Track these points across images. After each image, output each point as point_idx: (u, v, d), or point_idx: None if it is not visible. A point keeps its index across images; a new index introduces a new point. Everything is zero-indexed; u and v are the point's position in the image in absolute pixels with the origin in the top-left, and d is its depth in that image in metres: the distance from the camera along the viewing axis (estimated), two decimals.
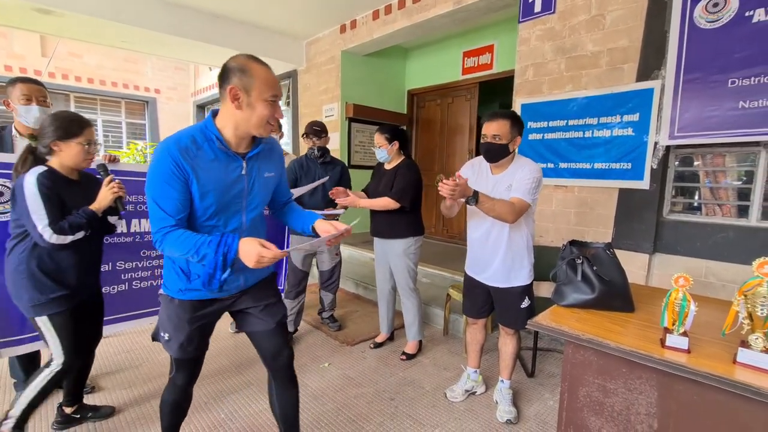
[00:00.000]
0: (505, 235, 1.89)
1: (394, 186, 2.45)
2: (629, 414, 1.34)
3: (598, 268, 1.56)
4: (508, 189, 1.83)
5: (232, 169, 1.31)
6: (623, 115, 2.62)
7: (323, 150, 2.80)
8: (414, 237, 2.53)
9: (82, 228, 1.60)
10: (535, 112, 3.03)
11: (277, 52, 5.09)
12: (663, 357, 1.17)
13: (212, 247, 1.21)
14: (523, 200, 1.77)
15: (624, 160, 2.64)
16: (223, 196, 1.31)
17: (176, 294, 1.36)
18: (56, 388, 1.83)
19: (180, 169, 1.20)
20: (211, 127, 1.27)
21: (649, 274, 2.58)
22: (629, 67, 2.58)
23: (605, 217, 2.75)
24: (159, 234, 1.24)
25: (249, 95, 1.22)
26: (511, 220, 1.77)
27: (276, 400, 1.60)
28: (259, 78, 1.22)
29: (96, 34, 4.41)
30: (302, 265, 2.79)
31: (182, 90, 8.22)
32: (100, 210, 1.67)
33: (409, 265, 2.56)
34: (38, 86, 1.96)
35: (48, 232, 1.51)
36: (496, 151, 1.85)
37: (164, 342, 1.41)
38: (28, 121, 1.93)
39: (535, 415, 2.06)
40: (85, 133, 1.64)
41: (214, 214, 1.32)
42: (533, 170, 1.82)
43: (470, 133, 5.04)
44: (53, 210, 1.54)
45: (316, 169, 2.78)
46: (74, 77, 6.87)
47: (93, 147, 1.69)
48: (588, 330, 1.37)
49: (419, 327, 2.66)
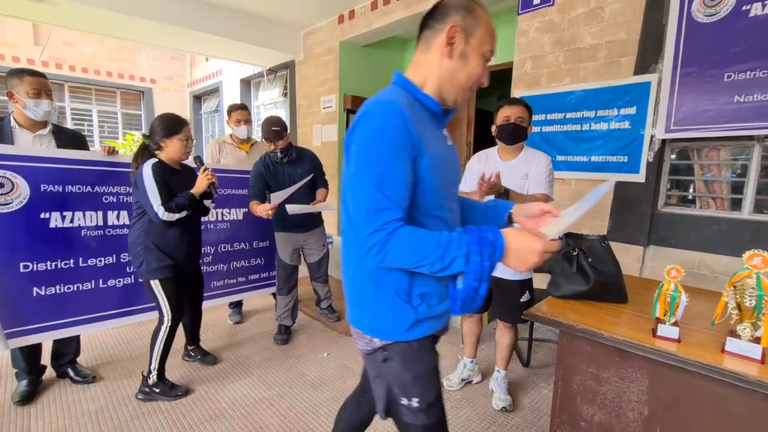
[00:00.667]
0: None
1: None
2: (621, 401, 1.39)
3: (593, 260, 1.59)
4: (524, 178, 1.90)
5: (443, 139, 1.00)
6: (620, 108, 2.64)
7: (286, 150, 2.55)
8: None
9: (185, 208, 1.95)
10: (533, 104, 2.98)
11: (274, 43, 5.04)
12: (654, 346, 1.21)
13: (471, 247, 0.81)
14: (545, 194, 1.88)
15: (621, 153, 2.66)
16: (449, 175, 0.98)
17: (407, 333, 0.93)
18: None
19: (410, 137, 0.85)
20: (412, 87, 0.97)
21: (643, 266, 2.62)
22: (627, 61, 2.59)
23: (601, 209, 2.77)
24: (381, 234, 0.82)
25: (468, 42, 0.93)
26: None
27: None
28: (484, 23, 0.96)
29: (89, 22, 4.35)
30: (290, 259, 2.75)
31: (178, 80, 8.13)
32: (198, 193, 2.01)
33: None
34: (45, 79, 1.96)
35: (161, 210, 1.88)
36: (520, 133, 1.93)
37: (413, 413, 0.97)
38: (36, 114, 1.91)
39: (530, 404, 2.11)
40: (183, 131, 1.98)
41: (441, 202, 0.95)
42: (547, 162, 1.92)
43: (468, 126, 5.03)
44: (163, 193, 1.89)
45: (284, 170, 2.58)
46: (68, 66, 6.78)
47: (190, 142, 2.03)
48: (582, 320, 1.40)
49: None
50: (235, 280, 2.88)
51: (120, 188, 2.23)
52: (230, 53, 5.37)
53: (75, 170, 2.06)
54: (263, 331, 2.93)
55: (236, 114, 2.88)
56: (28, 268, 1.94)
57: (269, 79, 6.16)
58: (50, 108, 1.94)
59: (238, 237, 2.86)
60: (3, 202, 1.84)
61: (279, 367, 2.43)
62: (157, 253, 1.97)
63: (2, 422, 1.86)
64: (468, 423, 1.94)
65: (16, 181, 1.86)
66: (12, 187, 1.86)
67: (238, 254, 2.87)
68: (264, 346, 2.70)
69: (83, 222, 2.13)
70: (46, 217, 2.00)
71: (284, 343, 2.77)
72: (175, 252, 2.02)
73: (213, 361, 2.45)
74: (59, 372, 2.23)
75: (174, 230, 2.01)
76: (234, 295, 2.90)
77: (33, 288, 1.97)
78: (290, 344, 2.74)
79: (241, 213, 2.85)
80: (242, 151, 2.97)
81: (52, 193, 2.01)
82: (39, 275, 1.98)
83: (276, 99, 6.13)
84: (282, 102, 6.03)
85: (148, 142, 2.01)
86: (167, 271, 2.00)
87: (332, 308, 3.10)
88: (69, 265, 2.10)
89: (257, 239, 2.96)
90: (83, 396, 2.08)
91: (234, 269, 2.85)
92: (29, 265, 1.94)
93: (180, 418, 1.93)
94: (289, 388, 2.20)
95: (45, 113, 1.93)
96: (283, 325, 2.83)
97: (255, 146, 3.06)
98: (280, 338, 2.78)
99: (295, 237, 2.73)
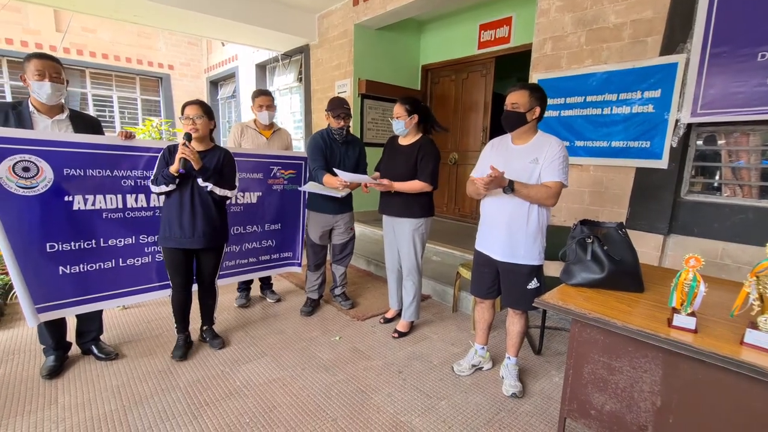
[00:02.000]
0: (521, 210, 1.88)
1: (422, 168, 2.38)
2: (633, 391, 1.36)
3: (608, 247, 1.55)
4: (534, 163, 1.84)
5: None
6: (644, 91, 2.53)
7: (348, 130, 2.73)
8: (425, 218, 2.51)
9: (162, 183, 2.06)
10: (551, 88, 2.94)
11: (289, 26, 5.00)
12: (669, 336, 1.18)
13: None
14: (558, 182, 1.81)
15: (643, 138, 2.56)
16: None
17: None
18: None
19: None
20: None
21: (663, 255, 2.55)
22: (653, 41, 2.47)
23: (620, 196, 2.69)
24: None
25: None
26: (552, 204, 1.84)
27: None
28: None
29: (108, 8, 4.39)
30: (319, 240, 2.85)
31: (195, 66, 8.19)
32: (174, 171, 2.05)
33: (417, 246, 2.54)
34: (52, 62, 1.94)
35: (150, 183, 2.14)
36: (512, 119, 1.87)
37: None
38: (40, 96, 1.92)
39: (540, 391, 2.10)
40: (185, 111, 2.12)
41: None
42: (561, 147, 1.84)
43: (485, 110, 4.93)
44: (159, 169, 2.11)
45: (339, 149, 2.72)
46: (89, 53, 6.90)
47: (190, 121, 2.11)
48: (595, 309, 1.38)
49: (416, 309, 2.67)
50: (255, 259, 2.97)
51: (137, 172, 2.27)
52: (246, 38, 5.36)
53: (95, 154, 2.11)
54: (277, 313, 2.99)
55: (259, 100, 2.89)
56: (54, 248, 2.02)
57: (284, 64, 6.14)
58: (53, 91, 1.92)
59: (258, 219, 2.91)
60: (29, 185, 1.91)
61: (292, 348, 2.48)
62: (162, 223, 2.20)
63: (32, 394, 1.97)
64: (477, 408, 1.95)
65: (40, 165, 1.92)
66: (37, 171, 1.92)
67: (259, 235, 2.94)
68: (278, 328, 2.76)
69: (104, 205, 2.19)
70: (70, 200, 2.07)
71: (309, 315, 2.95)
72: (172, 224, 2.16)
73: (220, 345, 2.46)
74: (83, 349, 2.33)
75: (172, 203, 2.16)
76: (248, 274, 2.98)
77: (59, 266, 2.05)
78: (303, 327, 2.79)
79: (255, 197, 2.88)
80: (263, 137, 2.98)
81: (74, 177, 2.06)
82: (64, 255, 2.06)
83: (291, 84, 6.12)
84: (297, 87, 6.01)
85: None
86: (165, 241, 2.19)
87: (345, 295, 3.13)
88: (91, 245, 2.17)
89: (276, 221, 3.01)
90: (106, 372, 2.18)
91: (251, 249, 2.91)
92: (55, 245, 2.02)
93: (197, 394, 2.00)
94: (301, 369, 2.25)
95: (48, 96, 1.92)
96: (311, 298, 3.01)
97: (276, 133, 3.06)
98: (305, 310, 2.96)
99: (326, 218, 2.80)
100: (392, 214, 2.57)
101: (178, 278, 2.27)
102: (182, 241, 2.18)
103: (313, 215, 2.83)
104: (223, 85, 8.09)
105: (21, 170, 1.88)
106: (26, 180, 1.90)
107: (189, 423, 1.80)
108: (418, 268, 2.60)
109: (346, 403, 1.97)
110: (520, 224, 1.89)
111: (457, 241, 4.07)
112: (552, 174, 1.81)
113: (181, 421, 1.81)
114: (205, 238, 2.23)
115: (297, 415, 1.87)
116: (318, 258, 2.92)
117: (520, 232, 1.89)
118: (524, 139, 1.91)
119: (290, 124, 6.28)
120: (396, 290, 2.80)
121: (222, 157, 2.25)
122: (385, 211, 2.63)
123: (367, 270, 4.04)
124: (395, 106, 2.43)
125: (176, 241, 2.18)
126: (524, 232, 1.89)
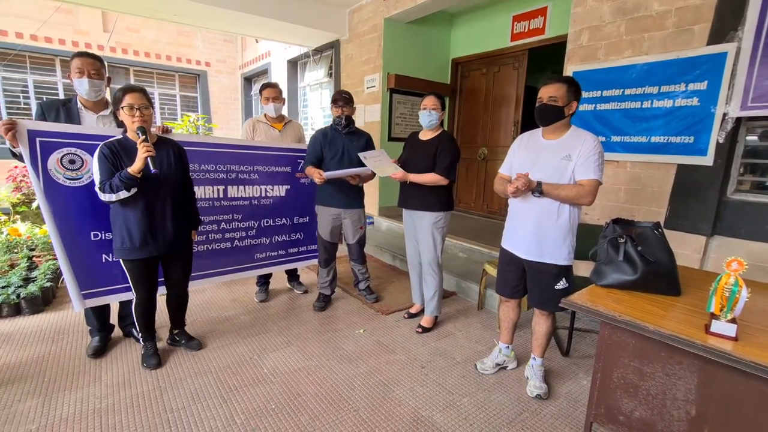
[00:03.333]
0: (551, 207, 1.82)
1: (440, 161, 2.38)
2: (665, 399, 1.31)
3: (643, 248, 1.48)
4: (566, 159, 1.77)
5: None
6: (689, 83, 2.38)
7: (349, 119, 2.75)
8: (444, 212, 2.50)
9: (122, 188, 1.81)
10: (587, 80, 2.82)
11: (320, 22, 5.06)
12: (706, 343, 1.12)
13: None
14: (594, 180, 1.73)
15: (686, 133, 2.42)
16: None
17: None
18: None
19: None
20: None
21: (704, 258, 2.40)
22: (700, 29, 2.32)
23: (659, 195, 2.56)
24: None
25: None
26: (589, 202, 1.77)
27: None
28: None
29: (150, 8, 4.60)
30: (329, 237, 2.87)
31: (230, 63, 8.44)
32: (135, 171, 1.81)
33: (436, 239, 2.53)
34: (91, 59, 2.05)
35: (98, 192, 1.83)
36: (549, 113, 1.79)
37: None
38: (80, 92, 2.05)
39: (567, 393, 2.05)
40: (126, 98, 1.83)
41: None
42: (596, 143, 1.76)
43: (516, 104, 4.80)
44: (103, 173, 1.83)
45: (342, 140, 2.72)
46: (133, 51, 7.26)
47: (136, 110, 1.82)
48: (626, 311, 1.32)
49: (438, 303, 2.66)
50: (284, 251, 3.06)
51: None
52: (279, 34, 5.47)
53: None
54: (303, 304, 3.06)
55: (266, 92, 2.91)
56: (98, 237, 2.15)
57: (315, 60, 6.22)
58: (90, 87, 2.03)
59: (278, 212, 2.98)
60: (75, 177, 2.04)
61: (317, 339, 2.54)
62: (120, 234, 1.94)
63: (79, 371, 2.12)
64: (500, 407, 1.93)
65: (84, 158, 2.05)
66: (81, 163, 2.05)
67: (279, 229, 3.01)
68: (303, 319, 2.83)
69: None
70: None
71: (321, 310, 2.97)
72: (137, 234, 1.93)
73: (197, 346, 2.35)
74: (125, 331, 2.48)
75: (133, 210, 1.91)
76: (277, 266, 3.06)
77: (102, 255, 2.19)
78: (328, 319, 2.85)
79: (284, 190, 2.95)
80: (275, 130, 3.01)
81: None
82: (107, 244, 2.19)
83: (321, 79, 6.19)
84: (327, 82, 6.07)
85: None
86: (127, 253, 1.95)
87: (370, 289, 3.16)
88: None
89: (298, 215, 3.07)
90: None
91: (281, 242, 3.00)
92: (98, 234, 2.15)
93: (227, 379, 2.09)
94: (326, 359, 2.30)
95: (86, 91, 2.04)
96: (322, 293, 3.03)
97: (288, 125, 3.09)
98: (318, 305, 2.99)
99: (334, 212, 2.80)
100: (412, 208, 2.57)
101: (145, 288, 2.08)
102: (152, 249, 1.98)
103: (321, 209, 2.84)
104: (256, 81, 8.30)
105: (68, 162, 2.01)
106: (72, 172, 2.03)
107: (219, 406, 1.88)
108: (438, 261, 2.59)
109: (368, 394, 2.00)
110: (550, 222, 1.83)
111: (485, 237, 4.01)
112: (587, 171, 1.73)
113: (211, 403, 1.90)
114: (178, 242, 2.08)
115: (320, 403, 1.92)
116: (327, 254, 2.93)
117: (549, 230, 1.84)
118: (557, 134, 1.84)
119: (320, 119, 6.36)
120: (418, 285, 2.80)
121: (177, 149, 2.08)
122: (405, 205, 2.63)
123: (393, 265, 4.05)
124: (427, 98, 2.43)
125: (146, 251, 1.97)
126: (553, 229, 1.83)
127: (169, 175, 1.99)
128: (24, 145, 1.88)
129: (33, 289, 2.78)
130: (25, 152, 1.89)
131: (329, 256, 2.94)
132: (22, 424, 1.74)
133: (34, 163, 1.92)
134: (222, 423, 1.77)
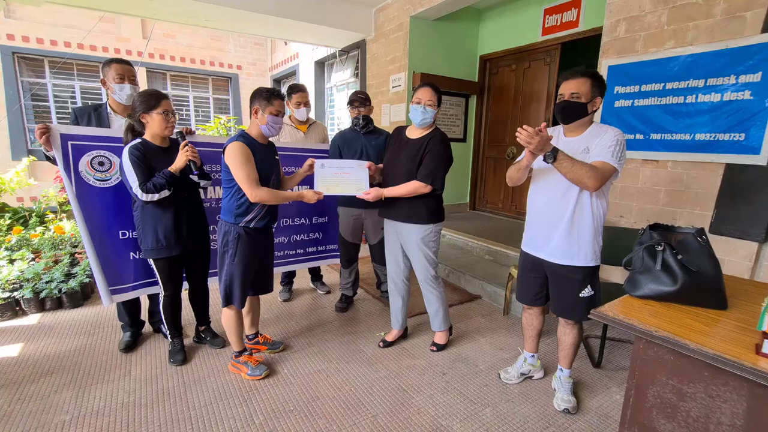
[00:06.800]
0: (572, 204, 1.69)
1: (423, 165, 2.07)
2: (708, 423, 1.19)
3: (684, 256, 1.35)
4: (584, 152, 1.66)
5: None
6: (740, 75, 2.18)
7: (367, 119, 2.71)
8: (434, 224, 2.18)
9: (164, 187, 1.91)
10: (624, 74, 2.66)
11: (346, 22, 5.06)
12: (756, 366, 1.00)
13: None
14: (608, 163, 1.57)
15: (736, 129, 2.22)
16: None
17: None
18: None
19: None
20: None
21: (756, 266, 2.20)
22: (753, 15, 2.12)
23: (704, 196, 2.37)
24: None
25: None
26: (593, 186, 1.57)
27: None
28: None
29: (185, 14, 4.76)
30: (351, 237, 2.86)
31: (260, 65, 8.63)
32: (176, 170, 1.95)
33: (428, 254, 2.21)
34: (129, 66, 2.18)
35: (140, 192, 1.89)
36: (573, 110, 1.67)
37: None
38: (121, 98, 2.16)
39: (597, 408, 1.93)
40: (162, 104, 1.94)
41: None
42: (616, 133, 1.63)
43: (548, 101, 4.60)
44: (142, 174, 1.89)
45: (360, 140, 2.69)
46: (169, 57, 7.56)
47: (171, 116, 1.98)
48: (663, 326, 1.21)
49: (444, 316, 2.36)
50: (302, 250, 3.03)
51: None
52: (307, 35, 5.52)
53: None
54: (325, 305, 3.06)
55: (297, 96, 2.92)
56: (125, 236, 2.23)
57: (341, 60, 6.24)
58: (132, 92, 2.15)
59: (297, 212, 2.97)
60: (104, 178, 2.12)
61: (338, 341, 2.52)
62: (151, 234, 2.00)
63: (110, 365, 2.21)
64: (525, 420, 1.83)
65: (112, 159, 2.13)
66: (110, 165, 2.13)
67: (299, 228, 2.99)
68: (325, 320, 2.83)
69: None
70: None
71: (343, 311, 2.96)
72: (170, 233, 2.02)
73: (221, 344, 2.41)
74: (154, 328, 2.57)
75: (165, 211, 2.00)
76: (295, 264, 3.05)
77: (129, 252, 2.26)
78: (349, 320, 2.83)
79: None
80: (300, 132, 3.03)
81: None
82: (133, 242, 2.26)
83: (348, 80, 6.20)
84: (353, 83, 6.08)
85: (132, 121, 1.99)
86: (161, 252, 2.03)
87: None
88: None
89: (317, 215, 3.06)
90: None
91: (299, 241, 3.00)
92: (126, 232, 2.23)
93: (248, 379, 2.11)
94: (345, 362, 2.28)
95: (128, 97, 2.15)
96: (344, 294, 3.02)
97: (312, 127, 3.10)
98: (339, 306, 2.98)
99: (355, 212, 2.77)
100: (395, 218, 2.24)
101: (174, 284, 2.17)
102: (182, 247, 2.08)
103: (343, 210, 2.83)
104: (285, 82, 8.43)
105: (97, 164, 2.10)
106: (101, 173, 2.11)
107: (239, 405, 1.90)
108: (436, 276, 2.30)
109: (386, 400, 1.96)
110: (572, 220, 1.71)
111: (512, 240, 3.87)
112: (600, 154, 1.59)
113: (232, 402, 1.92)
114: (204, 238, 2.23)
115: (338, 407, 1.90)
116: (349, 255, 2.90)
117: (571, 229, 1.71)
118: (579, 131, 1.72)
119: (346, 119, 6.38)
120: (399, 307, 2.44)
121: None
122: (386, 214, 2.30)
123: None
124: (422, 90, 2.11)
125: (177, 249, 2.07)
126: (577, 229, 1.71)
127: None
128: (57, 148, 1.97)
129: (73, 284, 2.93)
130: (58, 155, 1.98)
131: (351, 257, 2.92)
132: (58, 414, 1.82)
133: (66, 165, 2.01)
134: (241, 423, 1.79)
